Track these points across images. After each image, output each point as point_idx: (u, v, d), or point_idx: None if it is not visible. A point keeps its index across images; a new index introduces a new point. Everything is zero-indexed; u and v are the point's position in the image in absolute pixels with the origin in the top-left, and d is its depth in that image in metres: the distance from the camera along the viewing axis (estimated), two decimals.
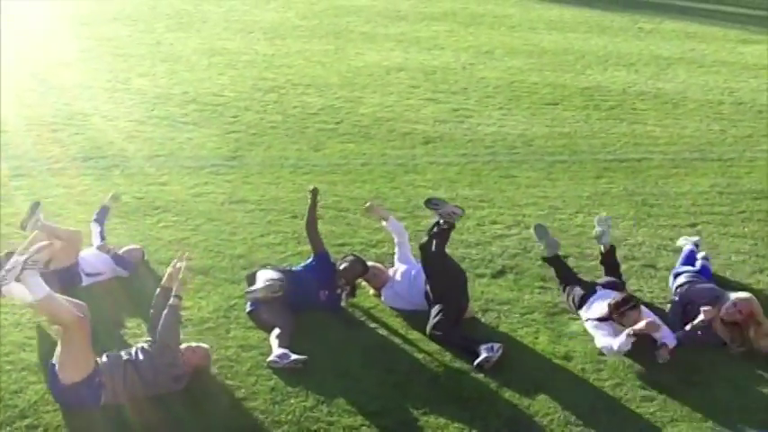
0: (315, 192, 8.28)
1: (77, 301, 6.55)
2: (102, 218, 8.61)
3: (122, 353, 6.39)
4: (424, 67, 17.73)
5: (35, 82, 15.06)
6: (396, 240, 8.36)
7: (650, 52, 20.64)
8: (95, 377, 6.11)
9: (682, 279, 8.08)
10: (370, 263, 8.19)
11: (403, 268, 8.07)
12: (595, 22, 24.63)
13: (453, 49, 19.82)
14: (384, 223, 8.49)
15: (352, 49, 19.26)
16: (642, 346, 7.17)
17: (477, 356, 6.91)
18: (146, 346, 6.48)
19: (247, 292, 7.45)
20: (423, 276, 7.79)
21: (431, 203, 7.90)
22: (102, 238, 8.40)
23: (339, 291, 7.84)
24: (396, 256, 8.33)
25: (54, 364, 6.14)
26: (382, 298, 7.99)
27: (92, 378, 6.09)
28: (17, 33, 18.79)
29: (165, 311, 6.49)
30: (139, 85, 15.24)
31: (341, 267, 7.90)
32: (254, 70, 16.82)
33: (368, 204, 8.67)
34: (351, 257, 8.05)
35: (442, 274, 7.60)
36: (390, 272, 8.17)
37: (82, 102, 13.96)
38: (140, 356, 6.36)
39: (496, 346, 6.96)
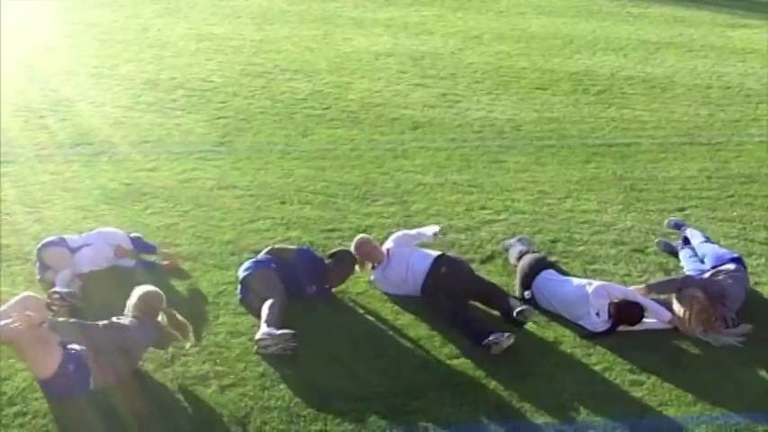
0: None
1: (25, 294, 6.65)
2: (139, 245, 8.15)
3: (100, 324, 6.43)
4: (412, 53, 17.68)
5: (21, 68, 14.95)
6: (412, 233, 8.30)
7: (638, 37, 20.62)
8: (68, 363, 6.02)
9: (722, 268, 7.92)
10: (363, 235, 8.17)
11: (399, 254, 7.89)
12: (583, 6, 24.58)
13: (442, 35, 19.77)
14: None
15: (341, 35, 19.19)
16: (627, 334, 7.25)
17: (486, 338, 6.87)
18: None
19: (259, 340, 6.79)
20: (420, 270, 7.72)
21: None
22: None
23: (327, 285, 7.80)
24: (394, 236, 8.19)
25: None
26: (372, 277, 7.96)
27: (64, 365, 6.01)
28: (2, 19, 18.63)
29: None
30: (126, 71, 15.16)
31: (330, 266, 7.82)
32: (242, 56, 16.74)
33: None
34: (340, 256, 7.90)
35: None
36: (384, 248, 8.02)
37: (69, 88, 13.88)
38: (120, 325, 6.44)
39: (507, 333, 6.88)
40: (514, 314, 7.18)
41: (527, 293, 7.72)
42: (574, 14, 23.23)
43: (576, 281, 7.68)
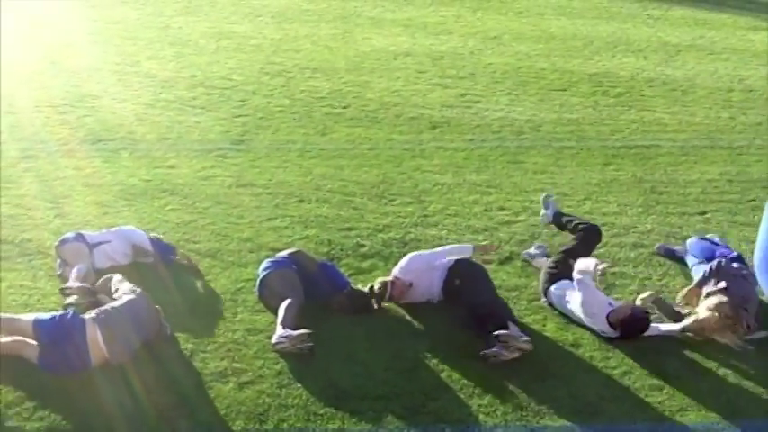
0: None
1: None
2: (158, 247, 8.12)
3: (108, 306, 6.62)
4: (431, 52, 17.66)
5: (44, 64, 15.04)
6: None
7: (659, 39, 20.52)
8: (42, 336, 6.28)
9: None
10: (389, 277, 7.70)
11: (419, 279, 7.68)
12: (604, 7, 24.48)
13: (461, 35, 19.73)
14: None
15: (360, 34, 19.19)
16: (648, 338, 7.23)
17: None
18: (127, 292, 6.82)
19: (276, 343, 6.78)
20: (438, 284, 7.68)
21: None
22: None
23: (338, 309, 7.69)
24: (409, 261, 7.87)
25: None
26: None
27: (40, 338, 6.26)
28: (26, 15, 18.76)
29: None
30: (148, 68, 15.22)
31: (348, 296, 7.56)
32: (261, 54, 16.77)
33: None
34: (362, 294, 7.61)
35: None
36: (406, 280, 7.67)
37: (91, 84, 13.95)
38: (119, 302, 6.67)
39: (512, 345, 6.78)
40: (483, 352, 6.83)
41: (544, 300, 7.72)
42: (594, 16, 23.14)
43: (575, 300, 7.53)
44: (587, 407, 6.32)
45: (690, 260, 8.44)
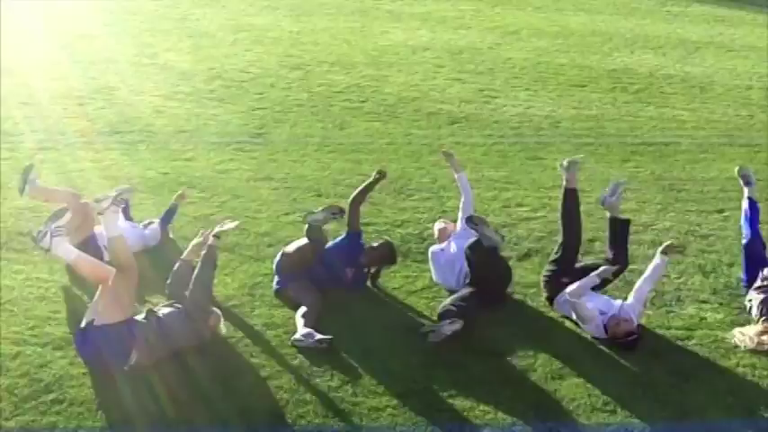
0: (382, 175, 8.28)
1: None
2: (168, 218, 8.49)
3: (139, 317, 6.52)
4: (449, 47, 17.62)
5: (62, 55, 15.08)
6: (462, 200, 8.34)
7: (678, 35, 20.41)
8: (131, 325, 6.22)
9: None
10: (440, 223, 8.37)
11: (461, 243, 7.90)
12: (623, 3, 24.37)
13: (479, 29, 19.68)
14: (456, 176, 8.55)
15: (378, 28, 19.16)
16: (667, 336, 7.16)
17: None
18: (167, 305, 6.69)
19: (309, 214, 7.64)
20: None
21: (470, 222, 7.61)
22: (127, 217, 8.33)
23: (366, 270, 7.82)
24: (459, 216, 8.30)
25: (83, 325, 6.21)
26: (431, 250, 8.07)
27: (129, 324, 6.21)
28: (44, 6, 18.82)
29: (204, 252, 6.79)
30: (165, 60, 15.24)
31: (368, 247, 7.89)
32: (279, 47, 16.77)
33: (447, 150, 8.85)
34: (382, 242, 8.04)
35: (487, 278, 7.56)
36: (452, 227, 8.24)
37: (109, 75, 13.99)
38: (162, 311, 6.55)
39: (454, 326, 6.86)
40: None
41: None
42: (613, 12, 23.05)
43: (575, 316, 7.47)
44: (605, 405, 6.28)
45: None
